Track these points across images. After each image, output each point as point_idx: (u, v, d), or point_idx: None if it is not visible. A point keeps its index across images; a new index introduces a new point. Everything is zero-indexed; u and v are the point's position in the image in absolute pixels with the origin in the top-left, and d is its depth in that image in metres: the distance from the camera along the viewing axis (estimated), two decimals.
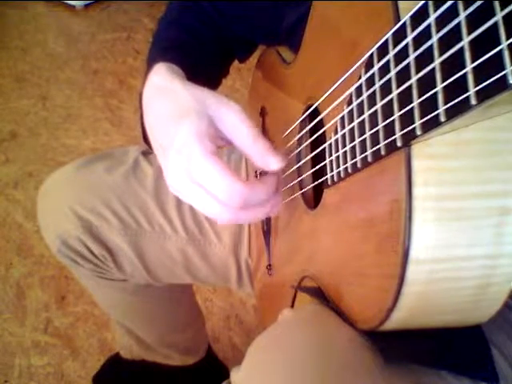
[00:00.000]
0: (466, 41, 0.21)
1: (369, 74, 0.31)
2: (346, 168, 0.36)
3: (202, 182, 0.40)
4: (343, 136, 0.37)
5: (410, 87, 0.27)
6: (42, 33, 2.01)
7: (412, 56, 0.26)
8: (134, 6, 2.15)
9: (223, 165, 0.40)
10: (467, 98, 0.22)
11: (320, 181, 0.43)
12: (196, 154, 0.40)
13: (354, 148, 0.35)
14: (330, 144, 0.40)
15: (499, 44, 0.19)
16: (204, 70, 0.59)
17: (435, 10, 0.23)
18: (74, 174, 0.69)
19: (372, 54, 0.31)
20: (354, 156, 0.35)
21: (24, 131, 1.62)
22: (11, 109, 1.69)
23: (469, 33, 0.21)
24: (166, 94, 0.46)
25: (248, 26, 0.62)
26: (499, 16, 0.19)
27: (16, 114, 1.67)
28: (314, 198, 0.50)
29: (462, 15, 0.21)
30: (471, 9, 0.21)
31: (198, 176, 0.40)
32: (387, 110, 0.29)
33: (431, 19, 0.24)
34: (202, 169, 0.40)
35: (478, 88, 0.21)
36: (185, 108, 0.43)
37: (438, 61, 0.24)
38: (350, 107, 0.35)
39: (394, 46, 0.28)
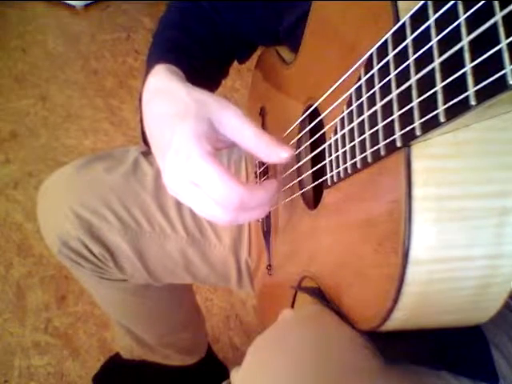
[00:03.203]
0: (465, 41, 0.21)
1: (368, 75, 0.31)
2: (346, 168, 0.36)
3: (200, 183, 0.40)
4: (343, 136, 0.37)
5: (409, 88, 0.27)
6: (42, 33, 2.01)
7: (412, 57, 0.26)
8: (134, 6, 2.14)
9: (222, 167, 0.40)
10: (467, 98, 0.22)
11: (320, 181, 0.43)
12: (194, 155, 0.40)
13: (353, 148, 0.35)
14: (330, 144, 0.40)
15: (499, 44, 0.19)
16: (204, 71, 0.59)
17: (435, 10, 0.23)
18: (73, 174, 0.69)
19: (371, 55, 0.31)
20: (353, 156, 0.35)
21: (24, 131, 1.61)
22: (11, 109, 1.69)
23: (468, 33, 0.21)
24: (165, 95, 0.46)
25: (248, 27, 0.62)
26: (499, 16, 0.19)
27: (16, 114, 1.67)
28: (314, 199, 0.50)
29: (462, 16, 0.21)
30: (471, 9, 0.21)
31: (196, 177, 0.40)
32: (387, 111, 0.29)
33: (431, 20, 0.24)
34: (200, 170, 0.40)
35: (477, 88, 0.21)
36: (184, 110, 0.43)
37: (437, 61, 0.24)
38: (349, 108, 0.35)
39: (394, 47, 0.28)
